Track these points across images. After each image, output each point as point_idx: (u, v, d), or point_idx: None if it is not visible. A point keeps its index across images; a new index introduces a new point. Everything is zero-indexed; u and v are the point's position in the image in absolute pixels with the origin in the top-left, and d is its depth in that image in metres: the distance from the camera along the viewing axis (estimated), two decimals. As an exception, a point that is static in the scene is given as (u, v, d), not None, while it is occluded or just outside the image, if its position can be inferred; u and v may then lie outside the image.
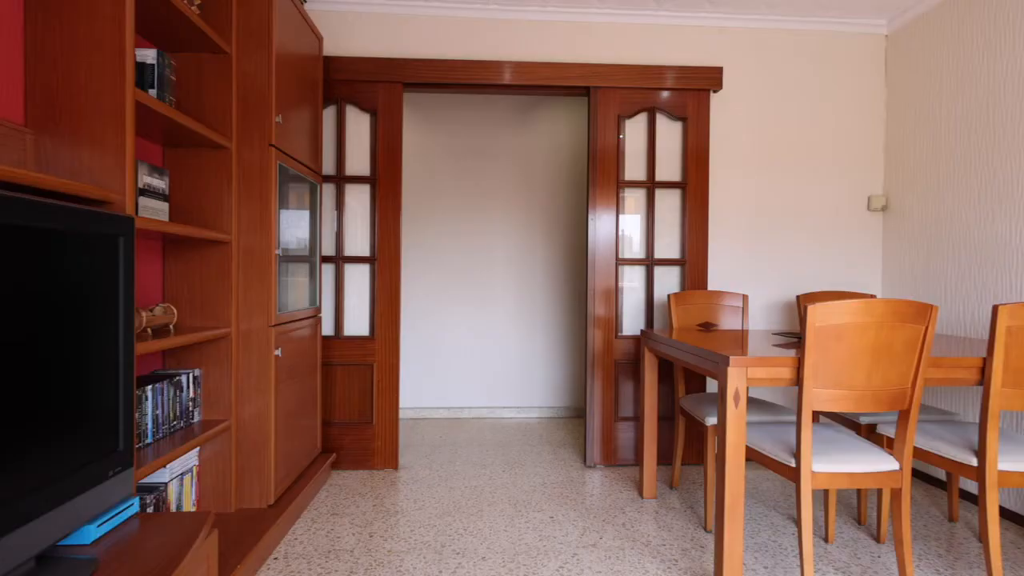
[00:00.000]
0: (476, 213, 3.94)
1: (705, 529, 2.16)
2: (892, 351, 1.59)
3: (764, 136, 3.03)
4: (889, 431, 2.01)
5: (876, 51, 3.05)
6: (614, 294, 2.89)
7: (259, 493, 2.05)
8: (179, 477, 1.78)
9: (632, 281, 2.96)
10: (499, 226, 3.95)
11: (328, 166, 2.83)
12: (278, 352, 2.09)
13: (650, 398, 2.46)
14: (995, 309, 1.61)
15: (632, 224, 2.95)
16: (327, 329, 2.84)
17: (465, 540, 2.05)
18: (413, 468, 2.83)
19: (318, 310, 2.62)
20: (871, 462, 1.64)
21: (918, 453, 1.85)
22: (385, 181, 2.80)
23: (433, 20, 2.91)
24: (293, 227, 2.31)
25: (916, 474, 2.78)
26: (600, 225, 2.89)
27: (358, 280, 2.85)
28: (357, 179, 2.82)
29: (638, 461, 2.87)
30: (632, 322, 2.96)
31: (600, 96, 2.87)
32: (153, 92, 1.68)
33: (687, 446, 2.93)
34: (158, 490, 1.65)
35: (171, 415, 1.76)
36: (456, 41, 2.92)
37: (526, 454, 3.08)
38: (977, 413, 2.45)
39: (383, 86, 2.80)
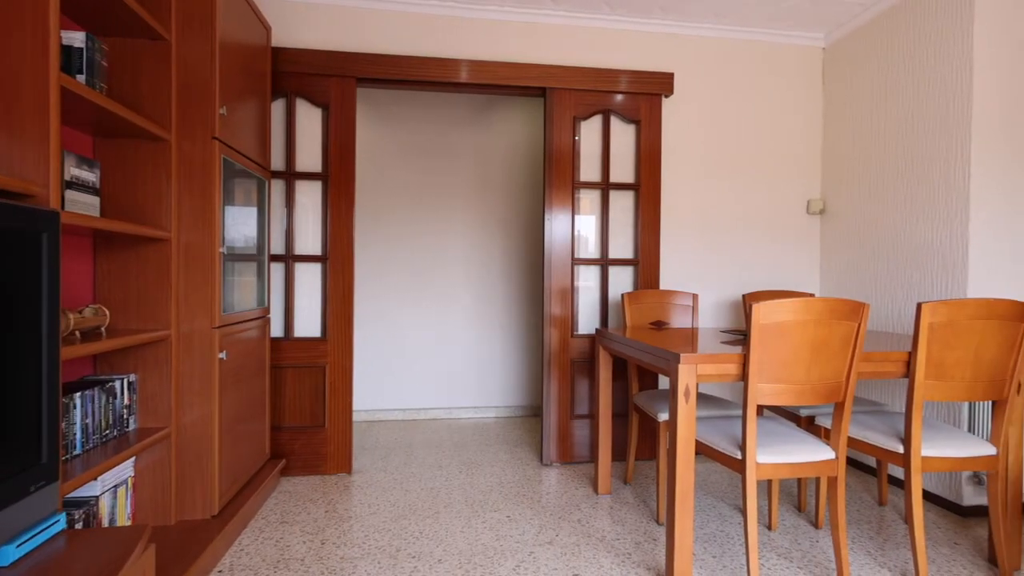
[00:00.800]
0: (433, 212, 3.89)
1: (657, 522, 2.22)
2: (829, 347, 1.68)
3: (713, 141, 3.14)
4: (826, 422, 2.13)
5: (814, 63, 3.22)
6: (570, 294, 2.92)
7: (202, 503, 1.95)
8: (112, 490, 1.67)
9: (587, 281, 3.01)
10: (456, 226, 3.92)
11: (277, 161, 2.72)
12: (223, 355, 1.99)
13: (605, 396, 2.51)
14: (919, 307, 1.73)
15: (587, 224, 2.99)
16: (276, 330, 2.74)
17: (421, 543, 2.02)
18: (368, 472, 2.77)
19: (267, 311, 2.52)
20: (810, 452, 1.73)
21: (851, 442, 1.97)
22: (338, 178, 2.73)
23: (388, 14, 2.86)
24: (240, 224, 2.21)
25: (850, 462, 2.95)
26: (556, 225, 2.91)
27: (309, 280, 2.77)
28: (308, 175, 2.73)
29: (593, 458, 2.92)
30: (587, 321, 3.00)
31: (556, 97, 2.90)
32: (82, 78, 1.57)
33: (641, 442, 3.01)
34: (88, 504, 1.54)
35: (103, 424, 1.65)
36: (412, 37, 2.88)
37: (483, 454, 3.07)
38: (903, 404, 2.63)
39: (336, 80, 2.73)
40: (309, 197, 2.76)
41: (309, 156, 2.75)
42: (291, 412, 2.71)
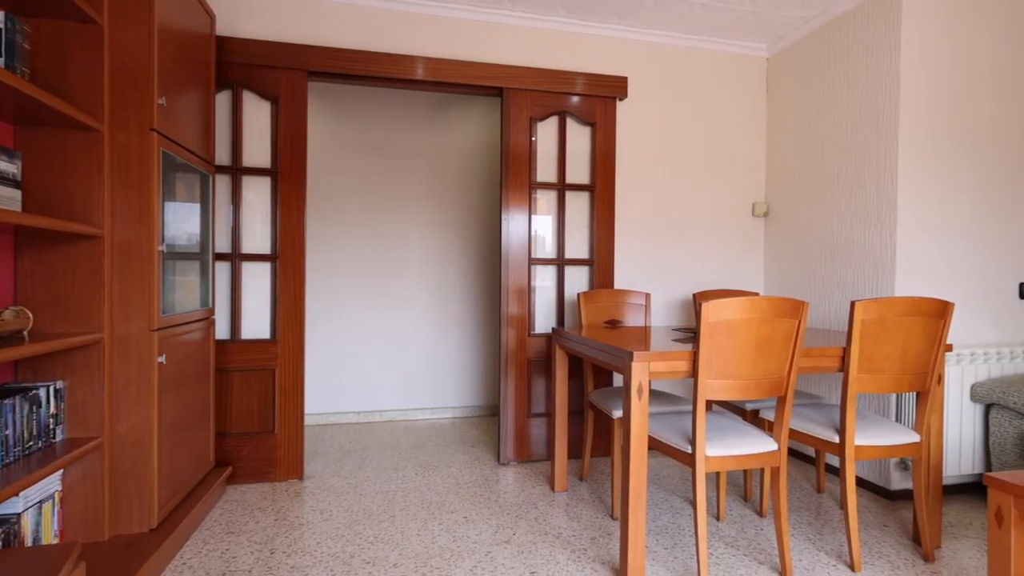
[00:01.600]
0: (389, 212, 3.83)
1: (612, 517, 2.26)
2: (772, 343, 1.76)
3: (665, 144, 3.23)
4: (770, 415, 2.23)
5: (759, 72, 3.37)
6: (527, 293, 2.94)
7: (139, 516, 1.84)
8: (36, 505, 1.55)
9: (544, 280, 3.03)
10: (413, 225, 3.87)
11: (222, 156, 2.60)
12: (162, 359, 1.89)
13: (561, 394, 2.54)
14: (852, 305, 1.84)
15: (544, 224, 3.02)
16: (222, 332, 2.62)
17: (376, 548, 1.98)
18: (320, 477, 2.69)
19: (211, 312, 2.40)
20: (755, 444, 1.80)
21: (793, 434, 2.07)
22: (288, 174, 2.64)
23: (342, 7, 2.79)
24: (181, 221, 2.10)
25: (792, 452, 3.11)
26: (513, 225, 2.92)
27: (257, 279, 2.66)
28: (256, 171, 2.62)
29: (550, 456, 2.95)
30: (544, 320, 3.03)
31: (512, 97, 2.91)
32: (0, 61, 1.45)
33: (596, 439, 3.06)
34: (9, 523, 1.42)
35: (25, 434, 1.53)
36: (367, 31, 2.82)
37: (440, 455, 3.05)
38: (839, 396, 2.79)
39: (286, 73, 2.63)
40: (257, 194, 2.65)
41: (257, 151, 2.65)
42: (238, 417, 2.60)
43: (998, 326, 2.63)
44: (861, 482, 2.62)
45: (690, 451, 1.76)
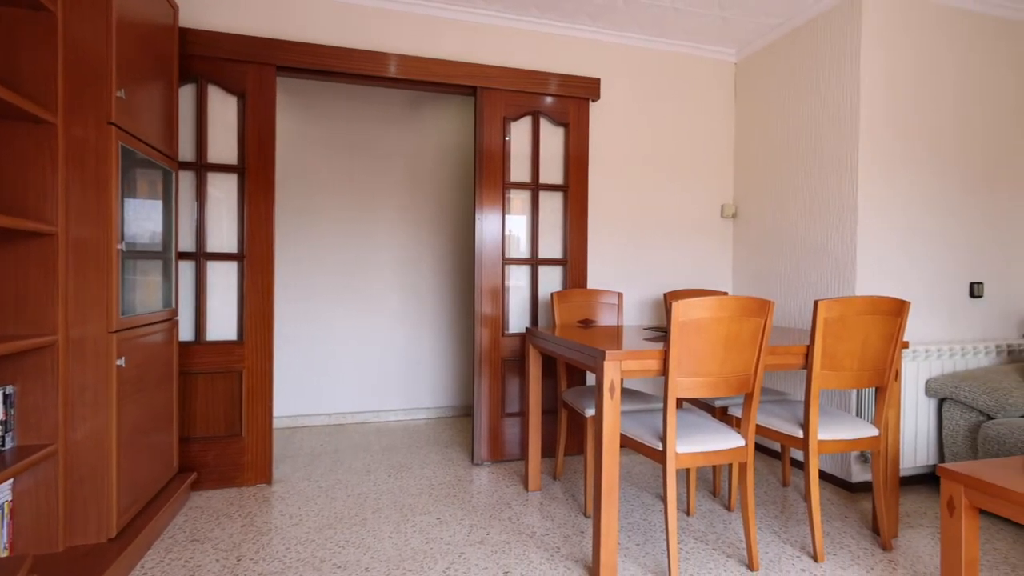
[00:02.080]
0: (361, 211, 3.77)
1: (585, 515, 2.28)
2: (740, 341, 1.80)
3: (636, 145, 3.27)
4: (738, 412, 2.28)
5: (727, 76, 3.44)
6: (501, 293, 2.94)
7: (97, 526, 1.77)
8: (-16, 517, 1.47)
9: (518, 280, 3.04)
10: (386, 225, 3.82)
11: (186, 152, 2.52)
12: (121, 362, 1.82)
13: (534, 393, 2.55)
14: (816, 304, 1.90)
15: (518, 224, 3.02)
16: (186, 334, 2.53)
17: (347, 552, 1.95)
18: (290, 481, 2.64)
19: (174, 312, 2.33)
20: (724, 441, 1.84)
21: (759, 430, 2.13)
22: (256, 171, 2.57)
23: (313, 1, 2.73)
24: (142, 219, 2.02)
25: (759, 448, 3.19)
26: (487, 225, 2.92)
27: (223, 279, 2.58)
28: (222, 168, 2.55)
29: (524, 455, 2.95)
30: (518, 320, 3.03)
31: (486, 97, 2.90)
32: (-58, 48, 1.37)
33: (569, 437, 3.08)
34: (-48, 536, 1.35)
35: (-28, 443, 1.45)
36: (339, 26, 2.77)
37: (413, 456, 3.02)
38: (803, 393, 2.88)
39: (253, 67, 2.57)
40: (223, 191, 2.58)
41: (223, 147, 2.57)
42: (203, 421, 2.52)
43: (951, 324, 2.75)
44: (824, 475, 2.71)
45: (661, 448, 1.79)
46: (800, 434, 1.97)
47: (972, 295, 2.78)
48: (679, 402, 2.64)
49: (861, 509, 2.38)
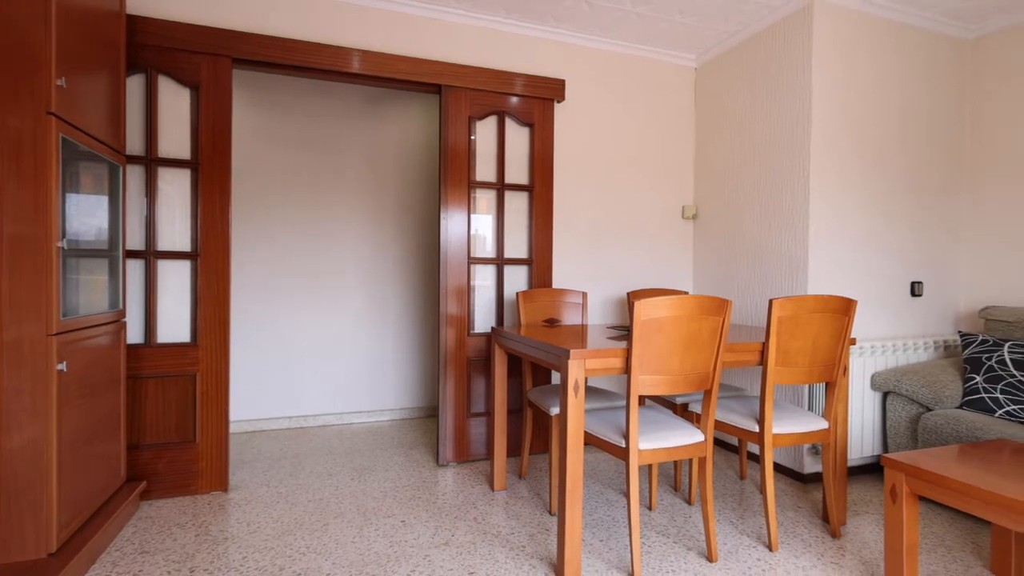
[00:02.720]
0: (323, 208, 3.68)
1: (550, 513, 2.30)
2: (699, 340, 1.85)
3: (600, 146, 3.32)
4: (698, 408, 2.35)
5: (688, 81, 3.53)
6: (466, 292, 2.93)
7: (35, 541, 1.67)
8: (-95, 535, 1.36)
9: (484, 280, 3.03)
10: (349, 223, 3.75)
11: (135, 145, 2.41)
12: (62, 366, 1.72)
13: (500, 393, 2.55)
14: (770, 303, 1.97)
15: (484, 224, 3.02)
16: (135, 336, 2.42)
17: (308, 559, 1.90)
18: (247, 487, 2.55)
19: (122, 314, 2.21)
20: (684, 437, 1.89)
21: (718, 425, 2.19)
22: (211, 167, 2.48)
23: (269, -7, 2.65)
24: (86, 215, 1.92)
25: (717, 442, 3.29)
26: (452, 224, 2.90)
27: (175, 279, 2.48)
28: (174, 162, 2.44)
29: (489, 455, 2.95)
30: (484, 319, 3.03)
31: (451, 95, 2.88)
32: None
33: (535, 436, 3.10)
34: None
35: None
36: (300, 19, 2.70)
37: (377, 459, 2.97)
38: (759, 388, 2.98)
39: (207, 59, 2.47)
40: (175, 187, 2.47)
41: (175, 141, 2.47)
42: (154, 427, 2.41)
43: (894, 321, 2.91)
44: (778, 467, 2.81)
45: (624, 445, 1.82)
46: (756, 428, 2.04)
47: (913, 294, 2.94)
48: (641, 399, 2.69)
49: (812, 499, 2.48)
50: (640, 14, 2.94)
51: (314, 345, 3.67)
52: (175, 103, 2.46)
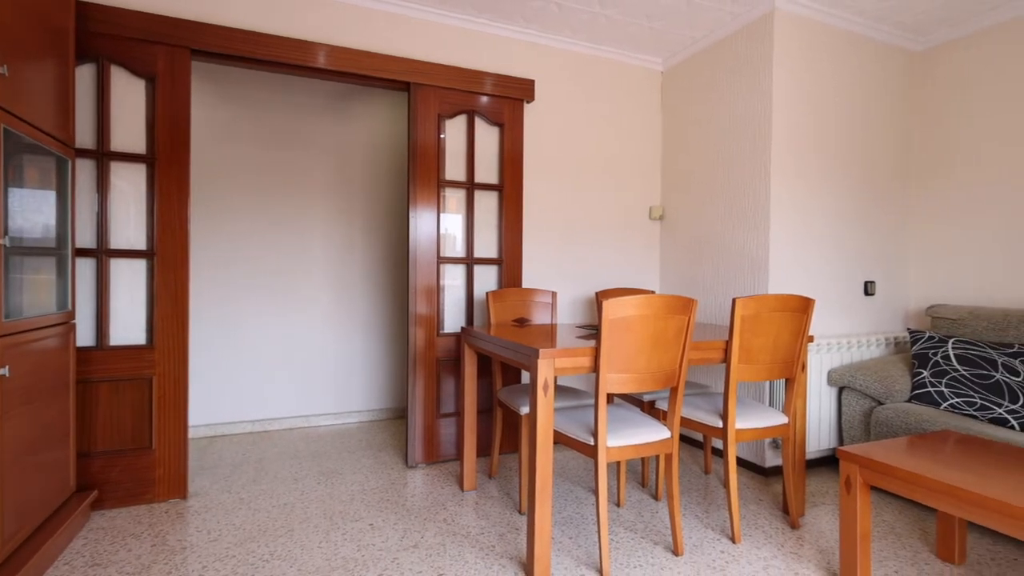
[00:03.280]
0: (289, 206, 3.59)
1: (520, 512, 2.30)
2: (666, 338, 1.88)
3: (570, 147, 3.34)
4: (664, 405, 2.39)
5: (655, 84, 3.60)
6: (436, 292, 2.90)
7: (-26, 556, 1.57)
8: None
9: (454, 279, 3.02)
10: (315, 221, 3.67)
11: (85, 138, 2.29)
12: (4, 371, 1.62)
13: (470, 393, 2.54)
14: (734, 301, 2.02)
15: (453, 223, 3.00)
16: (85, 338, 2.30)
17: (271, 566, 1.85)
18: (208, 494, 2.47)
19: (70, 315, 2.11)
20: (651, 434, 1.92)
21: (683, 422, 2.24)
22: (168, 162, 2.38)
23: (230, -17, 2.57)
24: (31, 211, 1.82)
25: (683, 438, 3.36)
26: (421, 223, 2.87)
27: (129, 278, 2.37)
28: (128, 157, 2.34)
29: (459, 456, 2.94)
30: (453, 319, 3.01)
31: (420, 93, 2.85)
32: None
33: (504, 436, 3.10)
34: None
35: None
36: (263, 11, 2.62)
37: (344, 462, 2.92)
38: (723, 385, 3.06)
39: (164, 49, 2.37)
40: (130, 182, 2.37)
41: (129, 134, 2.36)
42: (106, 434, 2.30)
43: (849, 319, 3.03)
44: (741, 462, 2.90)
45: (592, 443, 1.84)
46: (720, 424, 2.10)
47: (866, 293, 3.08)
48: (610, 397, 2.72)
49: (773, 492, 2.56)
50: (608, 17, 2.98)
51: (279, 346, 3.58)
52: (129, 95, 2.36)
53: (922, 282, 3.18)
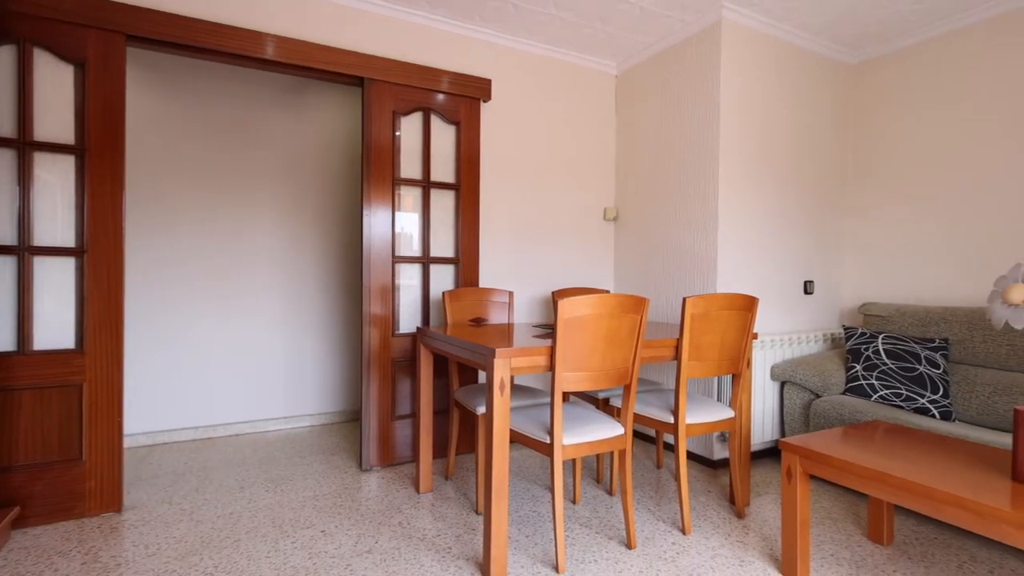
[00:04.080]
0: (236, 203, 3.44)
1: (477, 512, 2.30)
2: (620, 337, 1.92)
3: (527, 147, 3.36)
4: (618, 402, 2.44)
5: (610, 87, 3.67)
6: (391, 292, 2.85)
7: None
8: None
9: (410, 279, 2.97)
10: (264, 219, 3.53)
11: (5, 127, 2.12)
12: (-92, 379, 1.48)
13: (426, 394, 2.51)
14: (684, 301, 2.09)
15: (409, 222, 2.96)
16: (5, 343, 2.13)
17: (216, 579, 1.77)
18: (146, 506, 2.33)
19: (-13, 318, 1.94)
20: (606, 430, 1.96)
21: (637, 418, 2.30)
22: (100, 153, 2.23)
23: (170, -34, 2.43)
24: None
25: (637, 434, 3.44)
26: (375, 222, 2.82)
27: (56, 278, 2.21)
28: (54, 147, 2.18)
29: (415, 457, 2.90)
30: (409, 319, 2.97)
31: (374, 89, 2.80)
32: None
33: (461, 436, 3.08)
34: None
35: None
36: (202, -2, 2.50)
37: (295, 467, 2.82)
38: (674, 382, 3.16)
39: (96, 33, 2.22)
40: (57, 175, 2.20)
41: (56, 123, 2.20)
42: (30, 445, 2.14)
43: (790, 317, 3.19)
44: (691, 455, 3.00)
45: (549, 441, 1.85)
46: (671, 419, 2.16)
47: (806, 292, 3.25)
48: (566, 395, 2.76)
49: (721, 483, 2.67)
50: (564, 19, 3.01)
51: (224, 348, 3.42)
52: (56, 81, 2.19)
53: (856, 282, 3.39)
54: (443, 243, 3.05)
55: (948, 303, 2.93)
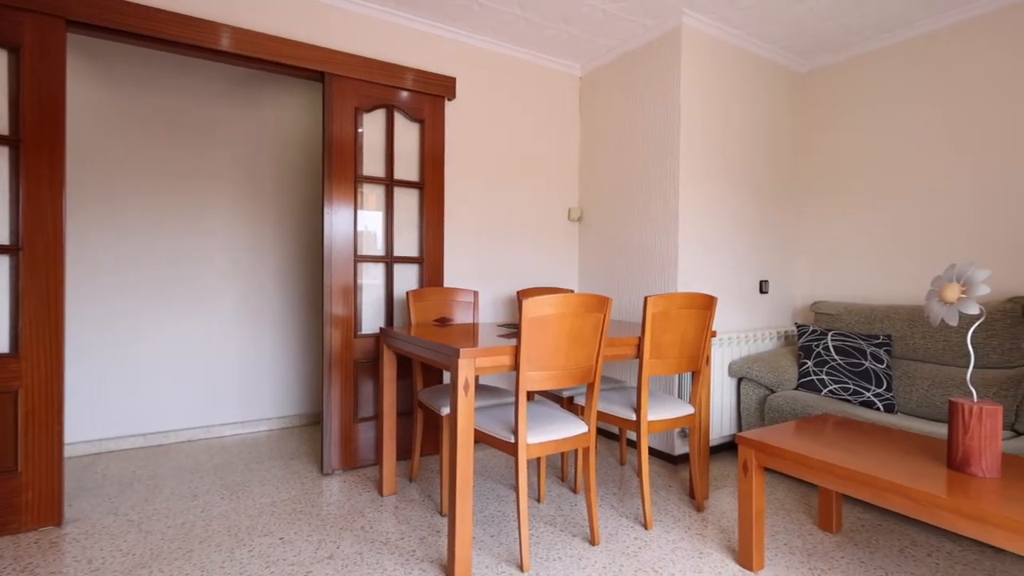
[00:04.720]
0: (189, 199, 3.30)
1: (441, 513, 2.28)
2: (583, 336, 1.94)
3: (491, 146, 3.36)
4: (582, 401, 2.47)
5: (574, 88, 3.70)
6: (353, 292, 2.80)
7: None
8: None
9: (373, 279, 2.92)
10: (219, 216, 3.40)
11: (-73, 113, 1.97)
12: None
13: (389, 395, 2.47)
14: (645, 300, 2.13)
15: (372, 221, 2.91)
16: (-72, 347, 1.98)
17: (166, 592, 1.69)
18: (89, 518, 2.21)
19: (-92, 320, 1.80)
20: (570, 429, 1.98)
21: (601, 416, 2.33)
22: (37, 145, 2.10)
23: (115, -51, 2.31)
24: None
25: (600, 432, 3.49)
26: (337, 220, 2.75)
27: (-11, 277, 2.07)
28: (-15, 137, 2.04)
29: (378, 460, 2.85)
30: (372, 320, 2.92)
31: (336, 84, 2.74)
32: None
33: (426, 438, 3.05)
34: None
35: None
36: (151, -16, 2.38)
37: (252, 473, 2.73)
38: (635, 379, 3.22)
39: (33, 17, 2.09)
40: (-12, 166, 2.06)
41: (-13, 111, 2.06)
42: (-42, 457, 1.99)
43: (747, 315, 3.30)
44: (653, 451, 3.06)
45: (513, 441, 1.86)
46: (633, 416, 2.20)
47: (761, 291, 3.37)
48: (530, 395, 2.77)
49: (681, 478, 2.73)
50: (528, 19, 3.02)
51: (176, 351, 3.28)
52: (-13, 66, 2.05)
53: (808, 281, 3.53)
54: (407, 242, 3.01)
55: (892, 301, 3.09)
